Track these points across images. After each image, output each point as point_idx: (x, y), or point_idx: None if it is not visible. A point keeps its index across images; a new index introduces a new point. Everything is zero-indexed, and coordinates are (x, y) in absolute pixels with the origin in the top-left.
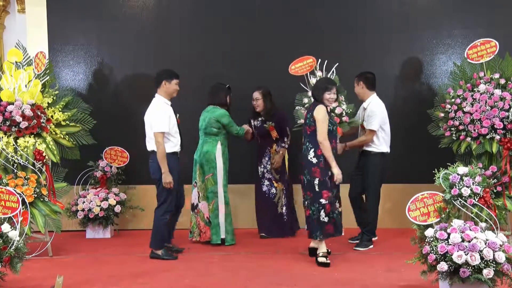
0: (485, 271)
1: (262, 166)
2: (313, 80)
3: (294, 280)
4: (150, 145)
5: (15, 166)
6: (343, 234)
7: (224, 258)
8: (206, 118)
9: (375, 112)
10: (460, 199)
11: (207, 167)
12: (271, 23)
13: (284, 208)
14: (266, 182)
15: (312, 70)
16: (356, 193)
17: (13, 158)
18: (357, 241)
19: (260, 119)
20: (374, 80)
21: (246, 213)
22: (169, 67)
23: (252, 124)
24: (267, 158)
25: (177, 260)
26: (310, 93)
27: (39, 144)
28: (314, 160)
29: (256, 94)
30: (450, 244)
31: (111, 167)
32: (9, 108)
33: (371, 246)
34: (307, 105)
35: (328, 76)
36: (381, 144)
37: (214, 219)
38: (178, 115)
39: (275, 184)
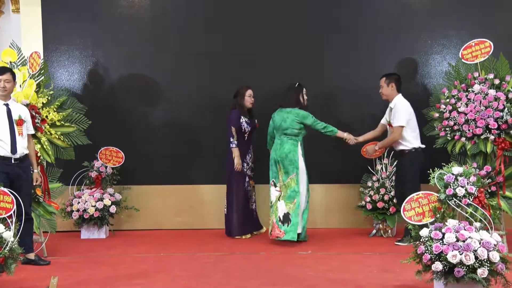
0: (479, 271)
1: (245, 163)
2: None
3: (289, 280)
4: None
5: None
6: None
7: (219, 259)
8: (287, 119)
9: (399, 109)
10: (454, 199)
11: (291, 167)
12: (268, 23)
13: (254, 204)
14: (246, 179)
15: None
16: (399, 193)
17: None
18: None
19: (248, 116)
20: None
21: None
22: (163, 66)
23: (243, 120)
24: (249, 156)
25: (172, 260)
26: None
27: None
28: None
29: (252, 92)
30: (445, 244)
31: (106, 167)
32: None
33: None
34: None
35: None
36: (410, 140)
37: (295, 217)
38: (20, 115)
39: (250, 181)
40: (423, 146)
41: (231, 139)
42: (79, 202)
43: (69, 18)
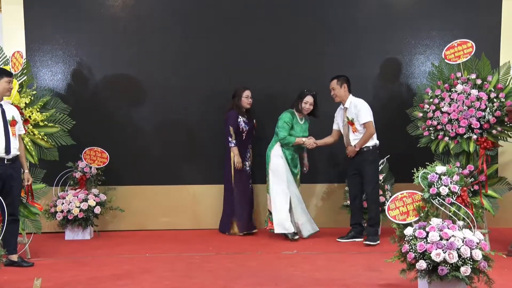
0: (462, 269)
1: (246, 162)
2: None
3: (275, 280)
4: None
5: None
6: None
7: (205, 259)
8: None
9: (362, 107)
10: (438, 198)
11: (266, 165)
12: (252, 24)
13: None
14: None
15: None
16: (356, 193)
17: None
18: (346, 239)
19: (246, 116)
20: None
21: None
22: (148, 66)
23: (241, 120)
24: (248, 155)
25: (157, 261)
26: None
27: None
28: None
29: (250, 93)
30: (429, 243)
31: (90, 168)
32: None
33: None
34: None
35: None
36: (372, 137)
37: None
38: (13, 115)
39: (251, 180)
40: (378, 143)
41: (230, 139)
42: (63, 203)
43: (52, 18)
